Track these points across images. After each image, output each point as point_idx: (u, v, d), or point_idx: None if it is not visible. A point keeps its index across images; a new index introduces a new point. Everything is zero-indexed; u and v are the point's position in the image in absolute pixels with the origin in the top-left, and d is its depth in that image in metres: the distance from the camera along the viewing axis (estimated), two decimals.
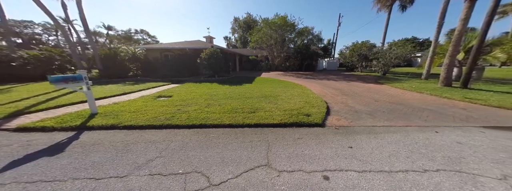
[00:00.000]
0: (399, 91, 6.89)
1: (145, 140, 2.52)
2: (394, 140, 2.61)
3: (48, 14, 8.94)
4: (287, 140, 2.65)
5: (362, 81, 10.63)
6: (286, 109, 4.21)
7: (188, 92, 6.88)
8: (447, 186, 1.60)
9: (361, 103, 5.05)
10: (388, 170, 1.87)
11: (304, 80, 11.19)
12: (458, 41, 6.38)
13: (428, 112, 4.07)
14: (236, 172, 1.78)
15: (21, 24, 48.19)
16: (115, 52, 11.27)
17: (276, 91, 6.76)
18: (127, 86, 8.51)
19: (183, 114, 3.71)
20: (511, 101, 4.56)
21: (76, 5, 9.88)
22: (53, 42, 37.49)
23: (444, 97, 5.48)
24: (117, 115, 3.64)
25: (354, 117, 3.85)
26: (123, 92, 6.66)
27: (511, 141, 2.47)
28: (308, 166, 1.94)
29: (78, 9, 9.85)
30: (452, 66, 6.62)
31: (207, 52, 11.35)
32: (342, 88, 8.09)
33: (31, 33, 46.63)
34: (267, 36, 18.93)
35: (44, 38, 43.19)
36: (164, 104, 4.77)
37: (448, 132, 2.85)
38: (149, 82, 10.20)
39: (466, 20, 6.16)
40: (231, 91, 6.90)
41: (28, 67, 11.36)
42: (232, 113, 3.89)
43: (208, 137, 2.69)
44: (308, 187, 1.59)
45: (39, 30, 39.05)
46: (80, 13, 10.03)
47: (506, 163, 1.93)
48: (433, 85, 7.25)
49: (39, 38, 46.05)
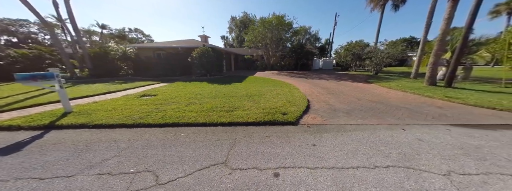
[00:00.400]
0: (385, 90, 6.94)
1: (110, 139, 2.50)
2: (359, 137, 2.63)
3: (33, 12, 8.80)
4: (255, 138, 2.65)
5: (352, 80, 10.69)
6: (265, 107, 4.21)
7: (174, 91, 6.85)
8: (389, 181, 1.61)
9: (343, 102, 5.08)
10: (340, 166, 1.88)
11: (296, 79, 11.21)
12: (442, 40, 6.43)
13: (404, 110, 4.11)
14: (189, 170, 1.77)
15: (17, 23, 47.34)
16: (105, 51, 11.16)
17: (263, 90, 6.76)
18: (114, 85, 8.44)
19: (159, 113, 3.69)
20: (488, 99, 4.62)
21: (64, 3, 9.73)
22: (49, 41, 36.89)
23: (425, 95, 5.54)
24: (91, 114, 3.60)
25: (330, 115, 3.87)
26: (107, 91, 6.60)
27: (472, 139, 2.51)
28: (264, 163, 1.94)
29: (66, 7, 9.70)
30: (436, 65, 6.68)
31: (198, 51, 11.29)
32: (330, 87, 8.12)
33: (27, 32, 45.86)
34: (261, 35, 18.88)
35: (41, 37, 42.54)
36: (144, 103, 4.74)
37: (415, 130, 2.88)
38: (139, 81, 10.13)
39: (449, 20, 6.20)
40: (218, 90, 6.89)
41: (17, 66, 11.21)
42: (210, 111, 3.89)
43: (176, 136, 2.68)
44: (255, 184, 1.60)
45: (35, 29, 38.38)
46: (68, 11, 9.88)
47: (457, 160, 1.96)
48: (419, 84, 7.31)
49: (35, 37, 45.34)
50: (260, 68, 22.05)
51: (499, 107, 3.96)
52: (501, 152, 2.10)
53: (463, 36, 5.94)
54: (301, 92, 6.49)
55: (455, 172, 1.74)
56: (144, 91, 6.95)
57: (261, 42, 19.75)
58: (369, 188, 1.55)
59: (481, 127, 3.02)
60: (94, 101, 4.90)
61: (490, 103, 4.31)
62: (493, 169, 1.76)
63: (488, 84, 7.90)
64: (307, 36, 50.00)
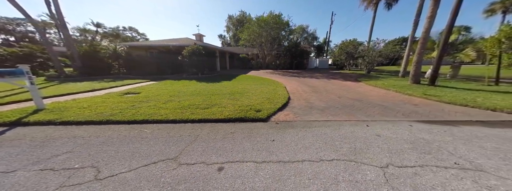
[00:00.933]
0: (370, 88, 6.99)
1: (70, 136, 2.52)
2: (321, 133, 2.66)
3: (18, 9, 8.71)
4: (218, 134, 2.67)
5: (342, 79, 10.73)
6: (242, 105, 4.24)
7: (160, 89, 6.85)
8: (326, 174, 1.65)
9: (323, 100, 5.12)
10: (287, 160, 1.91)
11: (287, 78, 11.23)
12: (426, 39, 6.46)
13: (379, 108, 4.15)
14: (134, 166, 1.79)
15: (14, 22, 46.77)
16: (94, 49, 11.10)
17: (249, 88, 6.78)
18: (102, 83, 8.42)
19: (132, 110, 3.71)
20: (464, 97, 4.67)
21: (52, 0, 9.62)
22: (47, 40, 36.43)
23: (406, 93, 5.59)
24: (64, 111, 3.61)
25: (304, 112, 3.90)
26: (92, 89, 6.59)
27: (428, 134, 2.55)
28: (215, 158, 1.97)
29: (54, 3, 9.59)
30: (420, 64, 6.72)
31: (188, 49, 11.25)
32: (317, 85, 8.15)
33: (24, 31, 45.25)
34: (256, 33, 18.83)
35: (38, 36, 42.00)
36: (124, 100, 4.75)
37: (378, 126, 2.92)
38: (129, 79, 10.11)
39: (432, 18, 6.22)
40: (203, 88, 6.90)
41: (6, 64, 11.14)
42: (185, 109, 3.90)
43: (140, 132, 2.70)
44: (194, 178, 1.62)
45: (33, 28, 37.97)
46: (56, 9, 9.78)
47: (401, 153, 2.00)
48: (404, 83, 7.36)
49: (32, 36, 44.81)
50: (255, 67, 22.03)
51: (472, 104, 4.01)
52: (448, 147, 2.14)
53: (444, 35, 5.97)
54: (285, 90, 6.52)
55: (394, 164, 1.78)
56: (129, 89, 6.95)
57: (256, 41, 19.71)
58: (303, 180, 1.58)
59: (444, 123, 3.06)
60: (73, 99, 4.90)
61: (464, 100, 4.35)
62: (431, 162, 1.80)
63: (474, 82, 7.98)
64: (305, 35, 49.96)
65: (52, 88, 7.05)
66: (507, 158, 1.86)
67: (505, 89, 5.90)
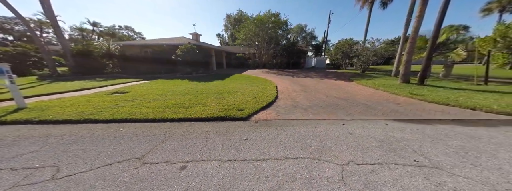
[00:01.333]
0: (359, 88, 7.01)
1: (43, 135, 2.53)
2: (295, 132, 2.68)
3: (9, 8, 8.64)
4: (193, 133, 2.69)
5: (336, 78, 10.74)
6: (226, 104, 4.25)
7: (149, 88, 6.85)
8: (285, 171, 1.66)
9: (310, 99, 5.13)
10: (253, 159, 1.93)
11: (281, 77, 11.24)
12: (414, 38, 6.47)
13: (362, 107, 4.17)
14: (96, 165, 1.80)
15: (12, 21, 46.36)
16: (87, 48, 11.05)
17: (239, 88, 6.79)
18: (93, 82, 8.40)
19: (114, 109, 3.71)
20: (447, 96, 4.70)
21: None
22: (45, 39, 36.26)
23: (393, 93, 5.61)
24: (45, 110, 3.61)
25: (287, 111, 3.92)
26: (81, 88, 6.58)
27: (400, 132, 2.57)
28: (180, 157, 1.98)
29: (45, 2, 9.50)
30: (410, 63, 6.74)
31: (182, 48, 11.23)
32: (309, 85, 8.17)
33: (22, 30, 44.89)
34: (252, 33, 18.78)
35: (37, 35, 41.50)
36: (110, 99, 4.75)
37: (354, 125, 2.94)
38: (122, 78, 10.09)
39: (420, 17, 6.23)
40: (194, 87, 6.90)
41: None
42: (168, 108, 3.91)
43: (115, 132, 2.71)
44: (153, 177, 1.63)
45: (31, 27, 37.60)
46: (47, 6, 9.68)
47: (366, 151, 2.02)
48: (394, 82, 7.39)
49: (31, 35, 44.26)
50: (251, 66, 22.00)
51: (453, 104, 4.03)
52: (414, 145, 2.16)
53: (432, 35, 5.98)
54: (275, 90, 6.53)
55: (355, 162, 1.80)
56: (119, 88, 6.94)
57: (253, 40, 19.66)
58: (261, 178, 1.60)
59: (420, 122, 3.09)
60: (58, 98, 4.89)
61: (447, 99, 4.38)
62: (392, 160, 1.82)
63: (464, 81, 8.01)
64: (303, 34, 49.80)
65: (41, 87, 7.04)
66: (466, 156, 1.88)
67: (492, 88, 5.93)
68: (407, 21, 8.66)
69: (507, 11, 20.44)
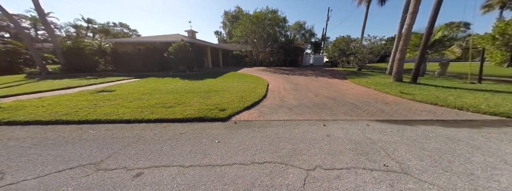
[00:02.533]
0: (352, 86, 6.89)
1: (5, 137, 2.40)
2: (272, 133, 2.58)
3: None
4: (165, 135, 2.58)
5: (331, 77, 10.62)
6: (210, 104, 4.14)
7: (137, 86, 6.71)
8: (247, 178, 1.57)
9: (298, 98, 5.02)
10: (218, 164, 1.83)
11: (276, 76, 11.09)
12: (408, 36, 6.31)
13: (349, 106, 4.07)
14: (46, 172, 1.69)
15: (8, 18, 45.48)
16: (78, 45, 10.82)
17: (229, 86, 6.67)
18: (82, 80, 8.25)
19: (90, 109, 3.59)
20: (436, 96, 4.59)
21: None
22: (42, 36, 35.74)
23: (383, 91, 5.50)
24: (18, 110, 3.49)
25: (271, 111, 3.81)
26: (67, 86, 6.44)
27: (378, 134, 2.47)
28: (140, 163, 1.87)
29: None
30: (402, 61, 6.60)
31: (174, 46, 11.01)
32: (301, 83, 8.05)
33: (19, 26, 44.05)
34: (249, 30, 18.46)
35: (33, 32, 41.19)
36: (91, 98, 4.62)
37: (335, 126, 2.84)
38: (113, 76, 9.92)
39: (414, 14, 6.04)
40: (183, 86, 6.76)
41: None
42: (147, 108, 3.79)
43: (83, 134, 2.60)
44: (101, 185, 1.51)
45: (27, 24, 37.07)
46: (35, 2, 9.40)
47: (337, 155, 1.92)
48: (388, 80, 7.27)
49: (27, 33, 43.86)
50: (248, 64, 21.78)
51: (441, 103, 3.93)
52: (389, 148, 2.07)
53: (426, 32, 5.82)
54: (266, 88, 6.41)
55: (322, 167, 1.71)
56: (106, 86, 6.80)
57: (250, 37, 19.35)
58: (217, 186, 1.50)
59: (402, 123, 2.99)
60: (40, 97, 4.77)
61: (436, 99, 4.28)
62: (361, 164, 1.73)
63: (459, 79, 7.89)
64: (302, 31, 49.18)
65: (27, 85, 6.89)
66: (440, 160, 1.79)
67: (484, 87, 5.82)
68: (403, 18, 8.45)
69: (507, 7, 20.11)
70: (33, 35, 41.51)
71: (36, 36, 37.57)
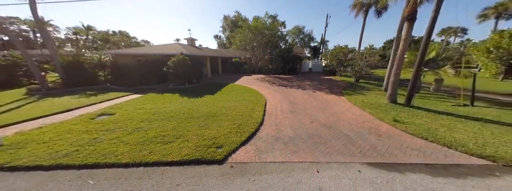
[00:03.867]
0: (347, 107, 7.01)
1: (7, 189, 2.51)
2: (266, 185, 2.67)
3: None
4: (162, 187, 2.67)
5: (328, 91, 10.75)
6: (207, 137, 4.23)
7: (137, 108, 6.81)
8: None
9: (294, 126, 5.14)
10: None
11: (274, 88, 11.21)
12: (401, 59, 6.47)
13: (342, 140, 4.17)
14: None
15: (7, 20, 45.89)
16: (78, 59, 10.92)
17: (227, 107, 6.79)
18: (82, 98, 8.32)
19: (90, 147, 3.67)
20: (428, 127, 4.70)
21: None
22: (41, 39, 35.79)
23: (377, 117, 5.62)
24: (21, 147, 3.58)
25: (267, 147, 3.91)
26: (67, 109, 6.52)
27: (369, 187, 2.57)
28: None
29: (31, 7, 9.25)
30: (396, 84, 6.74)
31: (173, 60, 11.13)
32: (299, 101, 8.16)
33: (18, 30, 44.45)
34: (248, 39, 18.67)
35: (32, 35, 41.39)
36: (91, 128, 4.71)
37: (328, 172, 2.94)
38: (113, 91, 10.01)
39: (407, 40, 6.22)
40: (181, 107, 6.85)
41: None
42: (146, 144, 3.87)
43: (82, 186, 2.68)
44: None
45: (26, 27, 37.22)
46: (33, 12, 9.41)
47: None
48: (382, 100, 7.40)
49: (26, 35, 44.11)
50: (247, 71, 21.95)
51: (431, 139, 4.05)
52: None
53: (420, 52, 6.00)
54: (263, 110, 6.54)
55: None
56: (106, 107, 6.88)
57: (249, 45, 19.54)
58: None
59: (393, 167, 3.10)
60: (40, 126, 4.85)
61: (427, 132, 4.40)
62: None
63: (452, 99, 8.03)
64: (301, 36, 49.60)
65: (27, 106, 6.97)
66: None
67: (476, 112, 5.96)
68: (397, 38, 8.64)
69: (502, 17, 20.48)
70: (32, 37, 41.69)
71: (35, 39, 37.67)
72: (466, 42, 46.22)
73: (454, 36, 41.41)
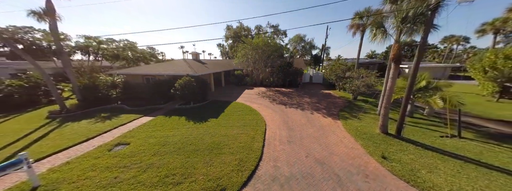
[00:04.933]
0: (341, 136, 7.49)
1: None
2: None
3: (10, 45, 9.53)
4: None
5: (326, 111, 11.22)
6: (212, 178, 4.81)
7: (149, 135, 7.56)
8: None
9: (290, 161, 5.69)
10: None
11: (274, 108, 11.76)
12: (390, 96, 6.99)
13: (332, 182, 4.68)
14: None
15: (22, 30, 49.05)
16: (93, 82, 11.90)
17: (230, 135, 7.52)
18: (98, 123, 9.11)
19: (112, 189, 4.34)
20: (411, 167, 5.16)
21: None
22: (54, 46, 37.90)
23: (368, 152, 6.10)
24: (56, 189, 4.28)
25: (265, 188, 4.47)
26: (87, 138, 7.30)
27: None
28: None
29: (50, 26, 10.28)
30: (387, 116, 7.22)
31: (180, 82, 11.95)
32: (296, 127, 8.67)
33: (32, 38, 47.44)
34: (249, 56, 19.57)
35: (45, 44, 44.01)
36: (110, 164, 5.41)
37: None
38: (124, 112, 10.83)
39: (394, 79, 6.76)
40: (188, 135, 7.56)
41: (15, 95, 11.99)
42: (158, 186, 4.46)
43: None
44: None
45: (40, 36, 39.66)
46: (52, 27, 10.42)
47: None
48: (375, 130, 7.85)
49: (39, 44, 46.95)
50: (249, 84, 22.73)
51: (412, 182, 4.52)
52: None
53: (407, 90, 6.52)
54: (262, 141, 7.10)
55: None
56: (120, 136, 7.61)
57: (251, 59, 20.40)
58: None
59: None
60: (67, 161, 5.60)
61: (410, 173, 4.87)
62: None
63: (443, 125, 8.39)
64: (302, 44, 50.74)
65: (53, 135, 7.74)
66: None
67: (460, 148, 6.34)
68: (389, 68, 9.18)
69: (501, 33, 20.74)
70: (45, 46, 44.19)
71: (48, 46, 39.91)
72: (469, 49, 46.06)
73: (457, 44, 41.40)
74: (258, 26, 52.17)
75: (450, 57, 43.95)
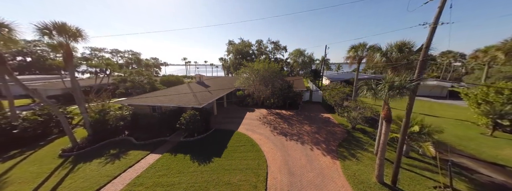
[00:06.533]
0: (340, 186, 7.88)
1: None
2: None
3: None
4: None
5: (325, 146, 11.61)
6: None
7: (155, 183, 8.10)
8: None
9: None
10: None
11: (275, 139, 12.18)
12: (384, 149, 7.49)
13: None
14: None
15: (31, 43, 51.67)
16: (104, 117, 12.62)
17: (233, 183, 7.91)
18: (108, 165, 9.61)
19: None
20: None
21: None
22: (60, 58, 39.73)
23: None
24: None
25: None
26: (99, 187, 7.79)
27: None
28: None
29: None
30: (383, 166, 7.67)
31: (185, 116, 12.63)
32: (297, 170, 9.07)
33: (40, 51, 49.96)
34: (250, 81, 20.51)
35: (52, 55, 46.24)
36: None
37: None
38: (132, 148, 11.38)
39: (386, 135, 7.33)
40: (193, 183, 8.05)
41: (29, 130, 12.68)
42: None
43: None
44: None
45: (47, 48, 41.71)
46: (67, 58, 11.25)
47: None
48: (371, 176, 8.24)
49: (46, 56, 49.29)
50: (251, 104, 23.42)
51: None
52: None
53: (401, 134, 7.03)
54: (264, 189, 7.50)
55: None
56: (129, 184, 8.08)
57: (251, 83, 21.26)
58: None
59: None
60: None
61: None
62: None
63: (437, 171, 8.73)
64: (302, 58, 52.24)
65: (67, 183, 8.24)
66: None
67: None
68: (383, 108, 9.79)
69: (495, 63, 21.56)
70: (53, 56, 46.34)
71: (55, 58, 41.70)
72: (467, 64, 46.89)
73: (454, 60, 42.29)
74: (259, 41, 54.34)
75: (449, 70, 44.67)
